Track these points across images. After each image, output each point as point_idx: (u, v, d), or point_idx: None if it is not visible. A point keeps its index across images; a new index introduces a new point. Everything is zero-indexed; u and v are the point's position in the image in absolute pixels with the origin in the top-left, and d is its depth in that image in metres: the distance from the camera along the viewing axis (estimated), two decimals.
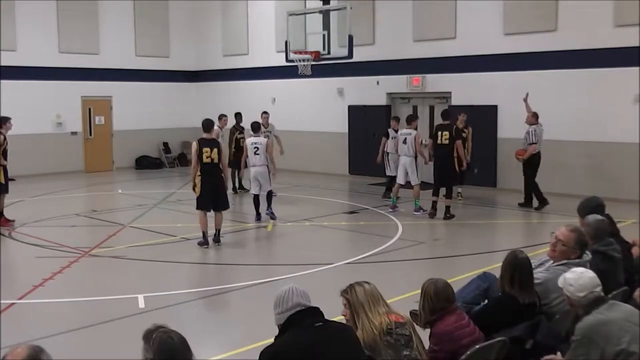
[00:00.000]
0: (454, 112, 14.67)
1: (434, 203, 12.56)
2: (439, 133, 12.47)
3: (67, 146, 19.84)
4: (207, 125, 10.36)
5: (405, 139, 12.85)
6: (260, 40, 20.45)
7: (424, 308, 4.20)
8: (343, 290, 4.04)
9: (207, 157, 9.99)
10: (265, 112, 15.53)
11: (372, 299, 3.94)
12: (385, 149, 14.07)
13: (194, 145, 10.11)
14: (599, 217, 5.42)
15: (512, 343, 4.13)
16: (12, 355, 2.67)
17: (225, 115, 14.60)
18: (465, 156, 13.88)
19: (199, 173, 10.05)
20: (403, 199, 13.74)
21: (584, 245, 4.83)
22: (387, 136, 13.88)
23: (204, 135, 10.25)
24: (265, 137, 15.39)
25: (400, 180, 13.05)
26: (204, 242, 10.16)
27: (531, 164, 13.10)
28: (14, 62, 18.44)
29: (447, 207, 12.34)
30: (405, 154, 12.86)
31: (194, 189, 10.23)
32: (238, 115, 16.15)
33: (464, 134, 13.90)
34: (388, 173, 14.11)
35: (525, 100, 13.45)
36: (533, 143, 12.99)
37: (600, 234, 5.23)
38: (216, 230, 10.33)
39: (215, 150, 10.04)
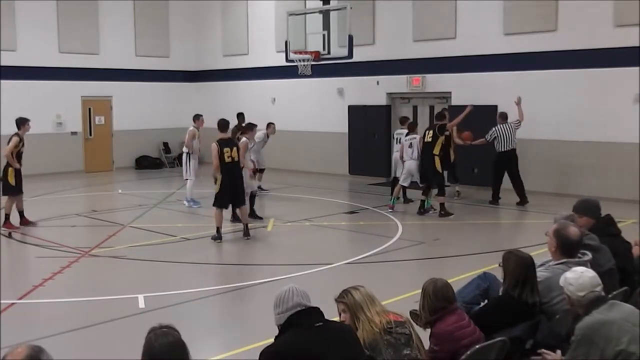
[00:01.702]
0: (455, 112, 14.69)
1: (422, 202, 12.79)
2: (425, 132, 12.91)
3: (67, 146, 19.85)
4: (224, 125, 10.79)
5: (411, 143, 12.91)
6: (260, 40, 20.44)
7: (423, 308, 4.20)
8: (338, 296, 4.04)
9: (228, 157, 10.43)
10: (272, 123, 15.36)
11: (369, 299, 3.96)
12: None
13: (215, 146, 10.45)
14: (565, 214, 5.47)
15: (512, 343, 4.13)
16: (12, 355, 2.67)
17: (201, 115, 14.51)
18: (450, 154, 13.87)
19: (219, 172, 10.45)
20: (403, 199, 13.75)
21: (565, 240, 4.78)
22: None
23: (221, 136, 10.66)
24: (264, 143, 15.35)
25: (405, 182, 13.06)
26: (217, 237, 10.45)
27: (500, 162, 13.58)
28: (14, 62, 18.45)
29: (441, 205, 12.51)
30: (410, 157, 12.90)
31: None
32: (240, 116, 16.14)
33: (446, 133, 13.84)
34: (398, 175, 13.84)
35: (517, 103, 13.53)
36: (487, 141, 13.60)
37: None
38: (244, 225, 10.71)
39: (235, 149, 10.56)
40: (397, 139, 13.99)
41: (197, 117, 14.20)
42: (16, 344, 2.77)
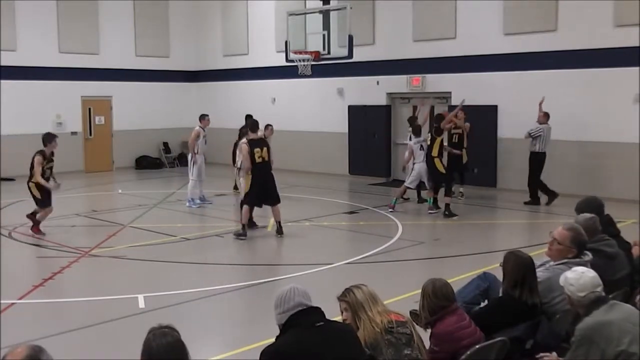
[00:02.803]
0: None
1: (433, 200, 12.95)
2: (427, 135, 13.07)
3: (67, 146, 19.74)
4: (254, 125, 10.97)
5: (421, 145, 12.89)
6: (260, 40, 20.45)
7: (423, 308, 4.20)
8: (340, 295, 4.04)
9: (259, 157, 10.55)
10: (269, 125, 15.36)
11: (371, 299, 3.95)
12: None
13: (245, 147, 10.64)
14: (588, 215, 5.41)
15: (512, 343, 4.13)
16: (12, 355, 2.67)
17: (207, 115, 14.34)
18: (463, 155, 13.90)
19: (249, 172, 10.62)
20: (409, 200, 13.74)
21: (582, 244, 4.81)
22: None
23: (252, 136, 10.79)
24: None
25: (412, 185, 13.06)
26: (241, 234, 10.58)
27: (536, 162, 13.35)
28: (14, 62, 18.45)
29: (447, 205, 12.50)
30: (422, 160, 12.86)
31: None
32: (249, 118, 16.10)
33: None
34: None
35: (540, 104, 13.48)
36: (530, 135, 13.34)
37: (592, 231, 5.23)
38: (277, 222, 10.83)
39: (265, 149, 10.65)
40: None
41: (202, 117, 14.14)
42: (16, 344, 2.77)
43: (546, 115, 13.42)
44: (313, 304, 3.59)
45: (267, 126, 14.15)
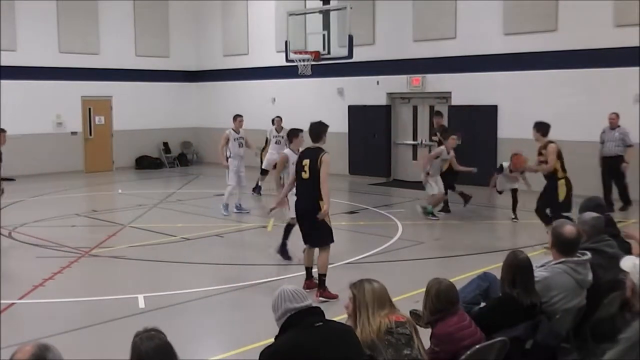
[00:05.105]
0: (454, 112, 14.72)
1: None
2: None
3: (67, 146, 19.85)
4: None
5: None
6: (260, 40, 20.45)
7: (426, 307, 4.20)
8: (352, 283, 4.01)
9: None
10: (278, 117, 15.39)
11: (378, 301, 3.90)
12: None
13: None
14: (594, 214, 5.41)
15: (512, 343, 4.13)
16: (20, 354, 2.68)
17: (240, 116, 13.55)
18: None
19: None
20: (409, 200, 13.72)
21: (559, 238, 4.75)
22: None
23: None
24: (276, 142, 14.86)
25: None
26: None
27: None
28: (14, 62, 18.45)
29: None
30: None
31: None
32: (278, 119, 16.09)
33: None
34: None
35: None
36: (629, 145, 12.81)
37: (597, 231, 5.23)
38: None
39: None
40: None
41: (234, 118, 13.44)
42: (25, 342, 2.77)
43: (618, 116, 13.02)
44: (309, 302, 3.58)
45: (276, 117, 13.93)
